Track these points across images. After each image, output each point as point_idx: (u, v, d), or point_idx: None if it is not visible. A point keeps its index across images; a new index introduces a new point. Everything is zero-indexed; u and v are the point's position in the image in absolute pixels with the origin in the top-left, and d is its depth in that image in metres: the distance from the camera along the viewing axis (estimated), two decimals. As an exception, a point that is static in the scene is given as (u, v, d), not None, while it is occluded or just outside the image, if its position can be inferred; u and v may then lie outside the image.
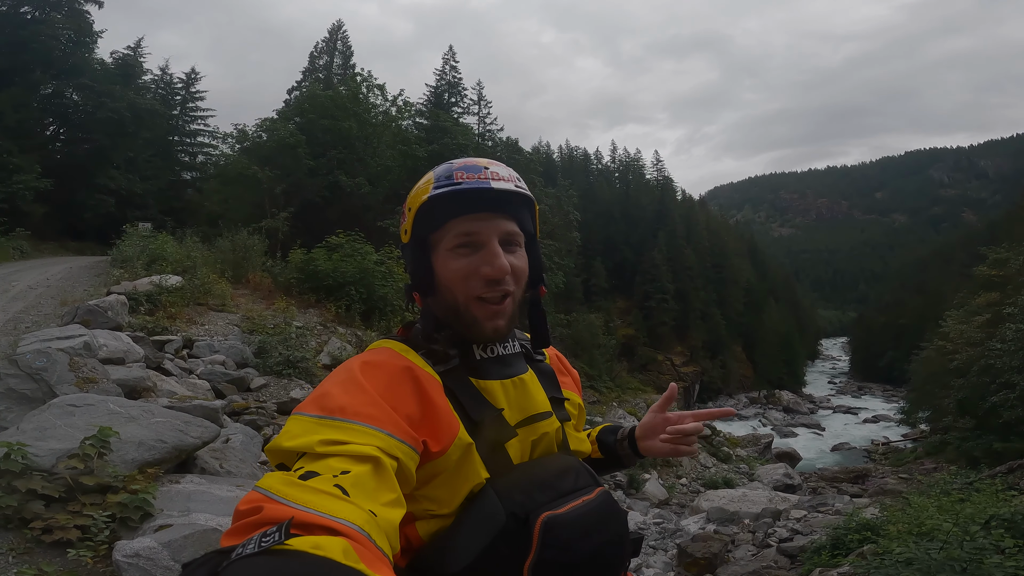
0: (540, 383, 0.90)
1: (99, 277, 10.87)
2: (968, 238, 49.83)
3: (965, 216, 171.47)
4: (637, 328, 40.92)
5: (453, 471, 0.74)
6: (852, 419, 33.35)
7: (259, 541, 0.47)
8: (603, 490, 0.82)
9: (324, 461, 0.60)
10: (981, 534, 3.54)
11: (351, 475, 0.59)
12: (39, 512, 2.43)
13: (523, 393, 0.86)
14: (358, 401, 0.68)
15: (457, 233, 0.80)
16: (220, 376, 6.84)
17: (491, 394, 0.82)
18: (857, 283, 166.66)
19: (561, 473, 0.80)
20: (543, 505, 0.73)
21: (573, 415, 0.96)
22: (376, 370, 0.74)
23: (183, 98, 29.85)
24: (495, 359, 0.85)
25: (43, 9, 21.92)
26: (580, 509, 0.75)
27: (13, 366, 3.79)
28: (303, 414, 0.68)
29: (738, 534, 8.89)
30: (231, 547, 0.48)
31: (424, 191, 0.82)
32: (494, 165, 0.84)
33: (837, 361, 75.14)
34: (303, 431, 0.65)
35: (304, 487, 0.55)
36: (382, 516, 0.57)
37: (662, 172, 53.95)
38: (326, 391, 0.70)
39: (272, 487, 0.55)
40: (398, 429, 0.68)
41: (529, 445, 0.84)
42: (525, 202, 0.85)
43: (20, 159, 18.63)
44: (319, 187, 21.11)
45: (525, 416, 0.84)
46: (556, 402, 0.91)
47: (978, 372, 12.30)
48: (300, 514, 0.51)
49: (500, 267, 0.78)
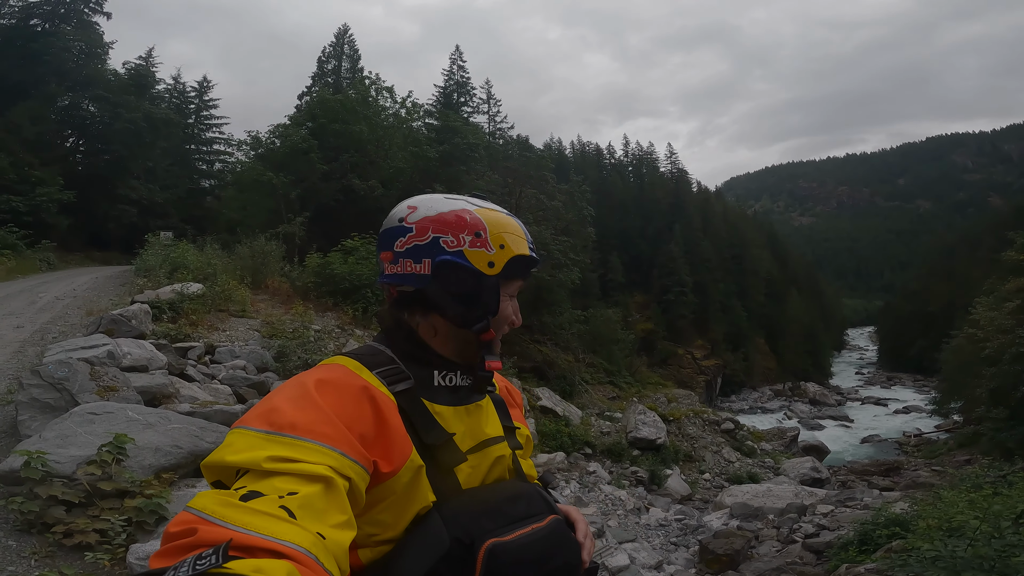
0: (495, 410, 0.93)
1: (123, 286, 11.11)
2: (995, 223, 48.21)
3: (991, 201, 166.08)
4: (656, 322, 40.51)
5: (401, 494, 0.73)
6: (882, 410, 32.56)
7: (193, 564, 0.44)
8: (555, 518, 0.81)
9: (269, 481, 0.58)
10: (1011, 530, 3.41)
11: (299, 496, 0.56)
12: (60, 517, 2.49)
13: (476, 419, 0.87)
14: (311, 418, 0.66)
15: (515, 287, 0.92)
16: (241, 381, 6.94)
17: (444, 419, 0.82)
18: (882, 271, 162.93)
19: (512, 499, 0.80)
20: (489, 531, 0.72)
21: (523, 444, 0.97)
22: (330, 387, 0.72)
23: (197, 106, 30.38)
24: (451, 388, 0.86)
25: (52, 21, 22.33)
26: (528, 537, 0.74)
27: (36, 376, 3.89)
28: (248, 428, 0.65)
29: (762, 530, 8.74)
30: (161, 569, 0.45)
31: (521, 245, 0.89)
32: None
33: (864, 351, 73.49)
34: (248, 446, 0.62)
35: (244, 508, 0.53)
36: (331, 538, 0.55)
37: (676, 165, 53.43)
38: (275, 406, 0.67)
39: (207, 508, 0.52)
40: (351, 448, 0.66)
41: (483, 471, 0.84)
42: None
43: (42, 172, 19.07)
44: (333, 191, 21.31)
45: (478, 441, 0.85)
46: (507, 431, 0.92)
47: (1010, 360, 11.94)
48: (240, 536, 0.48)
49: (520, 320, 0.92)
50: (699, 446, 15.18)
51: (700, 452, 14.97)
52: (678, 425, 15.58)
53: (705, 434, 15.82)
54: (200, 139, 30.52)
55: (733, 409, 31.21)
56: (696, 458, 14.69)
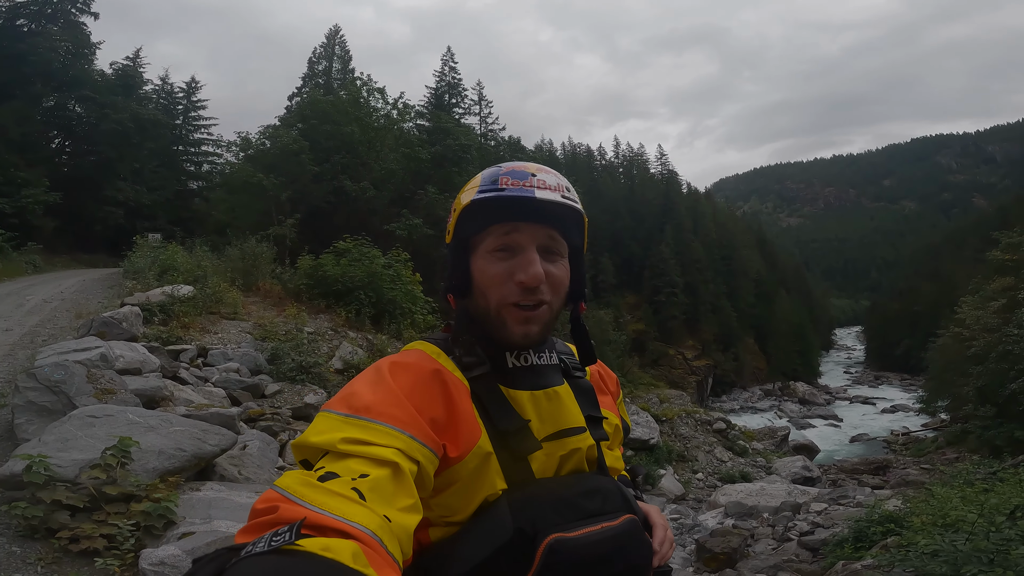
0: (576, 398, 0.86)
1: (112, 289, 10.98)
2: (979, 223, 49.16)
3: (975, 201, 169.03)
4: (647, 323, 40.76)
5: (469, 479, 0.72)
6: (870, 409, 32.94)
7: (270, 540, 0.47)
8: (630, 518, 0.78)
9: (344, 462, 0.60)
10: (1007, 524, 3.48)
11: (370, 478, 0.58)
12: (65, 522, 2.46)
13: (555, 406, 0.82)
14: (383, 401, 0.68)
15: (496, 237, 0.79)
16: (235, 383, 6.90)
17: (519, 404, 0.79)
18: (869, 271, 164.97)
19: (587, 493, 0.76)
20: (556, 525, 0.70)
21: (609, 433, 0.91)
22: (404, 371, 0.74)
23: (185, 107, 30.08)
24: (527, 368, 0.82)
25: (39, 21, 22.05)
26: (595, 536, 0.71)
27: (32, 379, 3.83)
28: (331, 411, 0.68)
29: (757, 528, 8.81)
30: (242, 544, 0.48)
31: (469, 194, 0.81)
32: (543, 172, 0.81)
33: (852, 351, 74.30)
34: (328, 428, 0.65)
35: (321, 488, 0.55)
36: (397, 521, 0.57)
37: (666, 166, 53.80)
38: (354, 390, 0.70)
39: (289, 487, 0.55)
40: (420, 432, 0.67)
41: (557, 460, 0.80)
42: (572, 214, 0.82)
43: (27, 173, 18.82)
44: (324, 193, 21.20)
45: (556, 430, 0.81)
46: (592, 420, 0.87)
47: (996, 359, 12.13)
48: (313, 515, 0.51)
49: (535, 274, 0.76)
50: (692, 446, 15.26)
51: (693, 452, 15.04)
52: (671, 425, 15.64)
53: (697, 434, 15.90)
54: (188, 140, 30.21)
55: (724, 409, 31.44)
56: (689, 458, 14.76)
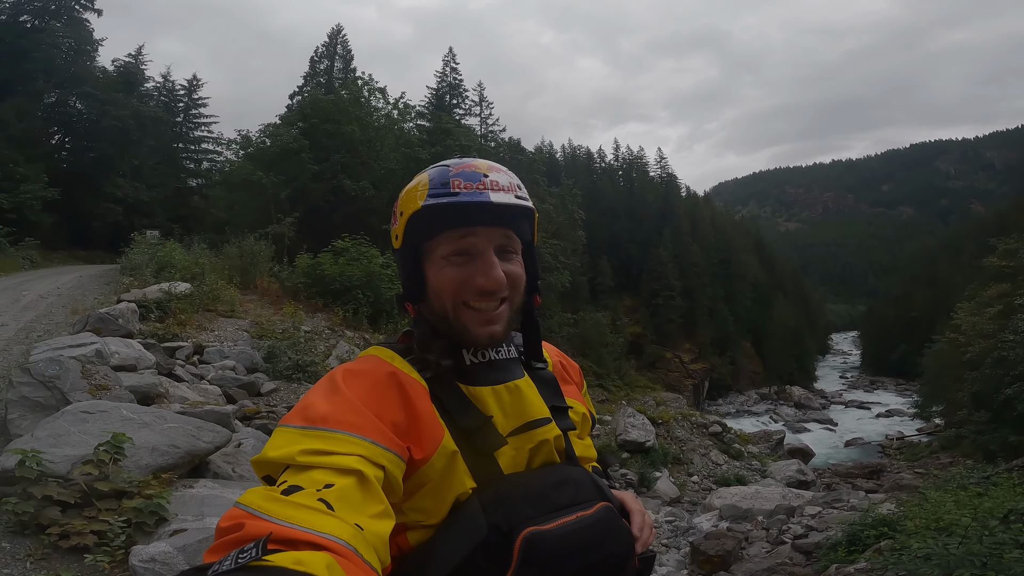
0: (539, 390, 0.85)
1: (109, 285, 10.95)
2: (977, 229, 49.25)
3: (973, 207, 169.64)
4: (644, 326, 40.78)
5: (438, 480, 0.71)
6: (865, 414, 33.01)
7: (236, 558, 0.46)
8: (604, 506, 0.76)
9: (307, 474, 0.59)
10: (1000, 528, 3.48)
11: (335, 488, 0.57)
12: (55, 518, 2.45)
13: (518, 399, 0.81)
14: (340, 409, 0.67)
15: (452, 242, 0.77)
16: (231, 381, 6.88)
17: (480, 401, 0.78)
18: (866, 276, 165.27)
19: (558, 484, 0.75)
20: (530, 519, 0.69)
21: (577, 423, 0.89)
22: (358, 378, 0.73)
23: (186, 105, 30.07)
24: (487, 364, 0.81)
25: (42, 18, 22.11)
26: (571, 526, 0.71)
27: (26, 374, 3.82)
28: (288, 426, 0.67)
29: (752, 531, 8.82)
30: (209, 564, 0.47)
31: (417, 198, 0.78)
32: (494, 171, 0.79)
33: (848, 355, 74.41)
34: (287, 442, 0.63)
35: (286, 502, 0.54)
36: (370, 529, 0.56)
37: (666, 169, 53.83)
38: (310, 402, 0.69)
39: (253, 503, 0.55)
40: (382, 436, 0.66)
41: (526, 454, 0.79)
42: (525, 212, 0.81)
43: (27, 169, 18.81)
44: (324, 191, 21.19)
45: (521, 423, 0.80)
46: (557, 410, 0.85)
47: (992, 364, 12.15)
48: (281, 529, 0.50)
49: (495, 278, 0.76)
50: (687, 449, 15.28)
51: (688, 455, 15.05)
52: (667, 428, 15.66)
53: (693, 437, 15.92)
54: (188, 138, 30.19)
55: (720, 412, 31.44)
56: (684, 460, 14.77)
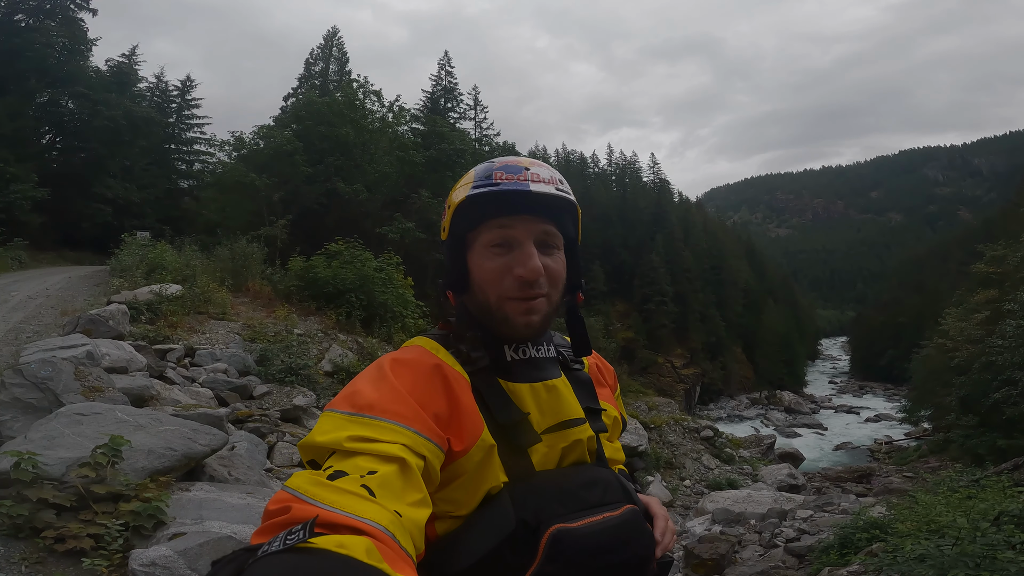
0: (574, 391, 0.87)
1: (98, 287, 10.84)
2: (964, 236, 50.01)
3: (961, 214, 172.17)
4: (637, 331, 40.92)
5: (473, 473, 0.73)
6: (854, 419, 33.30)
7: (284, 539, 0.48)
8: (631, 508, 0.78)
9: (352, 460, 0.61)
10: (992, 530, 3.52)
11: (378, 475, 0.59)
12: (51, 521, 2.41)
13: (555, 398, 0.83)
14: (387, 398, 0.68)
15: (492, 233, 0.80)
16: (223, 384, 6.83)
17: (518, 397, 0.80)
18: (855, 282, 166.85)
19: (587, 484, 0.77)
20: (558, 516, 0.71)
21: (608, 425, 0.92)
22: (405, 367, 0.75)
23: (179, 106, 29.82)
24: (526, 361, 0.83)
25: (37, 17, 21.91)
26: (597, 525, 0.73)
27: (18, 375, 3.77)
28: (335, 411, 0.68)
29: (744, 535, 8.85)
30: (258, 544, 0.49)
31: (464, 189, 0.82)
32: (535, 166, 0.82)
33: (837, 361, 75.10)
34: (333, 427, 0.65)
35: (331, 487, 0.56)
36: (407, 516, 0.57)
37: (658, 175, 54.21)
38: (357, 389, 0.71)
39: (300, 487, 0.56)
40: (425, 427, 0.68)
41: (559, 452, 0.80)
42: (567, 206, 0.83)
43: (17, 168, 18.61)
44: (317, 194, 21.11)
45: (556, 421, 0.81)
46: (591, 412, 0.87)
47: (979, 369, 12.31)
48: (326, 513, 0.52)
49: (533, 268, 0.77)
50: (679, 453, 15.31)
51: (680, 459, 15.09)
52: (659, 432, 15.69)
53: (685, 441, 15.96)
54: (180, 139, 29.92)
55: (712, 417, 31.58)
56: (677, 465, 14.81)
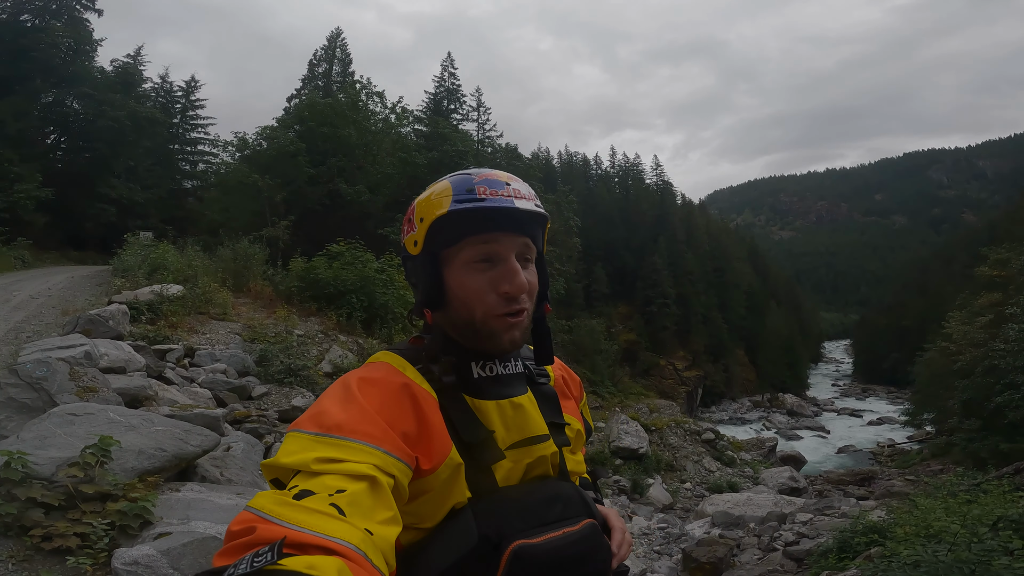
0: (539, 406, 0.87)
1: (100, 287, 10.87)
2: (969, 239, 49.76)
3: (965, 217, 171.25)
4: (639, 333, 40.82)
5: (440, 489, 0.73)
6: (857, 421, 33.15)
7: (251, 561, 0.46)
8: (590, 523, 0.79)
9: (319, 479, 0.59)
10: (989, 535, 3.50)
11: (347, 493, 0.58)
12: (39, 520, 2.42)
13: (520, 415, 0.83)
14: (355, 418, 0.68)
15: (476, 248, 0.78)
16: (222, 385, 6.83)
17: (484, 414, 0.80)
18: (858, 285, 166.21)
19: (549, 500, 0.78)
20: (520, 532, 0.71)
21: (571, 438, 0.92)
22: (373, 387, 0.74)
23: (183, 106, 29.91)
24: (493, 378, 0.83)
25: (43, 17, 22.04)
26: (557, 541, 0.73)
27: (13, 375, 3.78)
28: (300, 431, 0.67)
29: (743, 538, 8.83)
30: (222, 567, 0.48)
31: (442, 204, 0.79)
32: (515, 181, 0.82)
33: (840, 364, 74.79)
34: (300, 448, 0.64)
35: (298, 507, 0.55)
36: (378, 534, 0.57)
37: (662, 177, 54.03)
38: (323, 408, 0.69)
39: (264, 507, 0.55)
40: (394, 447, 0.67)
41: (523, 467, 0.81)
42: (541, 220, 0.84)
43: (21, 168, 18.68)
44: (319, 195, 21.14)
45: (521, 438, 0.82)
46: (555, 427, 0.88)
47: (982, 373, 12.24)
48: (294, 534, 0.50)
49: (519, 284, 0.78)
50: (680, 456, 15.29)
51: (681, 462, 15.07)
52: (660, 435, 15.68)
53: (686, 444, 15.94)
54: (184, 139, 30.03)
55: (713, 419, 31.53)
56: (677, 467, 14.79)
